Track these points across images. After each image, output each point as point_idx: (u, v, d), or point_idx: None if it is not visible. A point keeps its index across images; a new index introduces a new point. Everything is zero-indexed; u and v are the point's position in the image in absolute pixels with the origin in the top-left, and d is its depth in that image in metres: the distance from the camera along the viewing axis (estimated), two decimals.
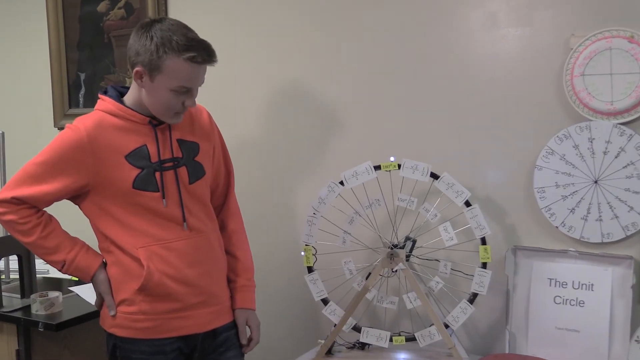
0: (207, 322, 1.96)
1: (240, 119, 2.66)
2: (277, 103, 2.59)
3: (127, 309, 1.90)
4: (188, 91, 1.84)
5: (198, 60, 1.79)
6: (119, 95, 1.94)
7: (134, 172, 1.87)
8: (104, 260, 1.95)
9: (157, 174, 1.89)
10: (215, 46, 1.86)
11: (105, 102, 1.92)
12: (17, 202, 1.88)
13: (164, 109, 1.85)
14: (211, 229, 2.00)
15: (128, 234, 1.88)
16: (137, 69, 1.82)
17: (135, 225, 1.88)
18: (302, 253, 2.24)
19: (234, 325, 2.04)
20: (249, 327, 2.07)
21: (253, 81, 2.63)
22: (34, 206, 1.90)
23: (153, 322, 1.90)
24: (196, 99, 1.89)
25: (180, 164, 1.93)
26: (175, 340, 1.93)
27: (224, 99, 2.66)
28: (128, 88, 1.95)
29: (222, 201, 2.12)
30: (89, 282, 1.96)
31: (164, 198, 1.89)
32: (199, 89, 1.90)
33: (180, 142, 1.95)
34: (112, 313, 1.91)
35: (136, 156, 1.87)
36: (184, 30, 1.81)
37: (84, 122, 1.88)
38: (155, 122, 1.91)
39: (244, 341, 2.05)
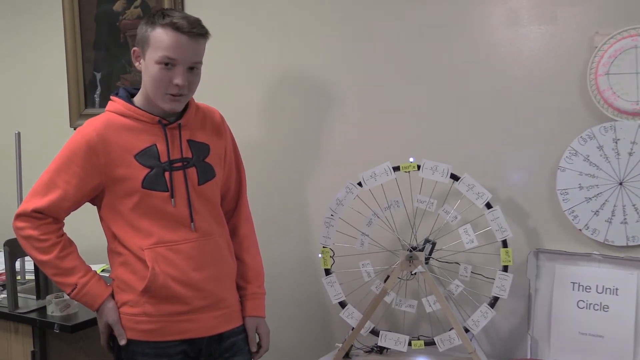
0: (213, 326, 1.94)
1: (252, 118, 2.64)
2: (291, 102, 2.57)
3: (130, 310, 1.89)
4: (174, 65, 1.83)
5: (176, 26, 1.80)
6: (130, 96, 1.95)
7: (144, 171, 1.86)
8: (112, 292, 1.94)
9: (167, 174, 1.88)
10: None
11: (114, 103, 1.93)
12: (38, 216, 1.88)
13: (154, 87, 1.85)
14: (220, 233, 1.98)
15: (135, 235, 1.87)
16: (134, 49, 1.88)
17: (142, 226, 1.87)
18: (319, 255, 2.21)
19: (242, 330, 2.02)
20: (259, 334, 2.05)
21: (266, 79, 2.60)
22: (55, 222, 1.90)
23: (156, 324, 1.88)
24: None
25: (189, 165, 1.92)
26: (179, 343, 1.91)
27: (236, 97, 2.64)
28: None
29: (233, 205, 2.10)
30: (94, 311, 1.94)
31: (172, 198, 1.87)
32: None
33: (191, 142, 1.94)
34: (123, 342, 1.89)
35: (145, 155, 1.87)
36: (182, 12, 1.87)
37: (92, 123, 1.89)
38: (165, 122, 1.89)
39: (253, 349, 2.04)
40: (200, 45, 1.86)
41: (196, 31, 1.83)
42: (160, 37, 1.81)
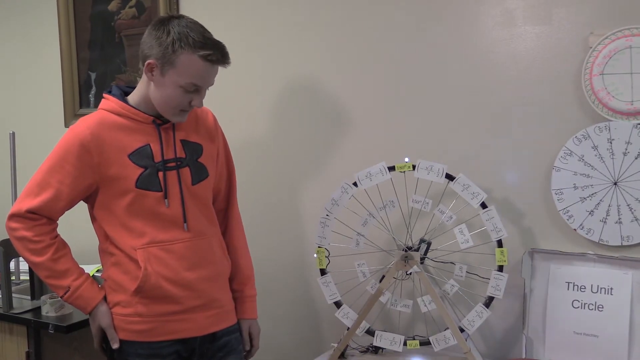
0: (206, 325, 1.94)
1: (247, 119, 2.64)
2: (286, 102, 2.57)
3: (122, 310, 1.89)
4: (197, 90, 1.83)
5: (212, 59, 1.79)
6: (123, 94, 1.93)
7: (137, 171, 1.85)
8: (105, 295, 1.93)
9: (160, 174, 1.87)
10: (226, 45, 1.84)
11: (108, 101, 1.92)
12: (32, 216, 1.86)
13: (170, 105, 1.84)
14: (213, 233, 1.98)
15: (128, 235, 1.86)
16: (149, 61, 1.81)
17: (135, 226, 1.86)
18: (315, 255, 2.21)
19: (235, 329, 2.02)
20: (251, 334, 2.08)
21: (262, 80, 2.60)
22: (49, 223, 1.89)
23: (149, 324, 1.88)
24: (205, 99, 1.87)
25: (183, 165, 1.91)
26: (172, 344, 1.90)
27: (232, 98, 2.64)
28: (134, 88, 1.94)
29: (224, 206, 2.10)
30: (86, 314, 1.93)
31: (166, 198, 1.87)
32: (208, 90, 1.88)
33: (184, 142, 1.94)
34: (116, 346, 1.88)
35: (139, 155, 1.86)
36: (201, 29, 1.82)
37: (86, 122, 1.88)
38: (159, 122, 1.89)
39: (247, 348, 2.07)
40: None
41: (227, 62, 1.84)
42: (190, 65, 1.78)
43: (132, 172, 1.85)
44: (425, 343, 2.14)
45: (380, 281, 2.13)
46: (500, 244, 2.06)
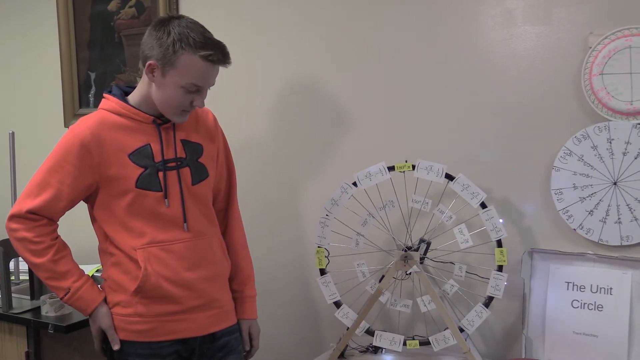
0: (206, 325, 1.94)
1: (247, 119, 2.64)
2: (286, 102, 2.57)
3: (122, 310, 1.89)
4: (198, 90, 1.83)
5: (213, 59, 1.79)
6: (124, 94, 1.93)
7: (138, 171, 1.85)
8: (105, 297, 1.92)
9: (160, 174, 1.87)
10: (225, 45, 1.85)
11: (109, 101, 1.92)
12: (32, 217, 1.85)
13: (171, 105, 1.84)
14: (212, 233, 1.98)
15: (128, 235, 1.86)
16: (150, 62, 1.81)
17: (135, 226, 1.86)
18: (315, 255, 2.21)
19: (235, 329, 2.02)
20: (251, 334, 2.08)
21: (262, 80, 2.60)
22: (50, 224, 1.88)
23: (149, 324, 1.88)
24: (205, 99, 1.88)
25: (183, 165, 1.91)
26: (172, 344, 1.90)
27: (232, 98, 2.64)
28: (134, 88, 1.94)
29: (224, 206, 2.10)
30: (86, 316, 1.92)
31: (166, 198, 1.87)
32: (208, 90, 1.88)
33: (184, 142, 1.94)
34: (117, 347, 1.88)
35: (139, 155, 1.86)
36: (202, 29, 1.82)
37: (86, 122, 1.88)
38: (159, 122, 1.89)
39: (247, 348, 2.08)
40: None
41: (228, 62, 1.84)
42: (191, 65, 1.78)
43: (132, 172, 1.85)
44: (424, 343, 2.14)
45: (380, 281, 2.13)
46: (499, 243, 2.06)
